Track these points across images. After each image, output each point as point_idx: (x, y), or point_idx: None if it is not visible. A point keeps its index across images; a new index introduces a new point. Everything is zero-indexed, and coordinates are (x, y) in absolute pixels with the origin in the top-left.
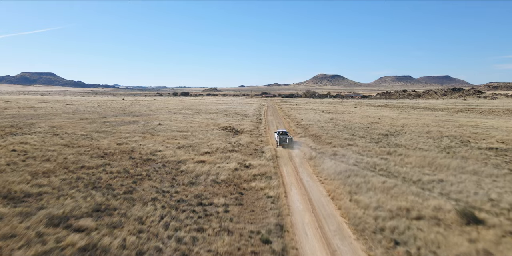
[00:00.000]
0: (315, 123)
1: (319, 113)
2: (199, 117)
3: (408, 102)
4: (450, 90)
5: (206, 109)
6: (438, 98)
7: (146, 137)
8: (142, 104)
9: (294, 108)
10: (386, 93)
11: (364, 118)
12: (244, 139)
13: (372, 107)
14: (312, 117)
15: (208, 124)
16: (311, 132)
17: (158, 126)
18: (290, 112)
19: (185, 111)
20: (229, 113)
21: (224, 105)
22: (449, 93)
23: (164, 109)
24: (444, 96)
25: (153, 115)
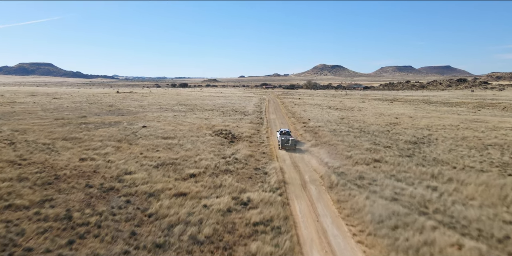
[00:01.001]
0: (325, 125)
1: (326, 110)
2: (192, 116)
3: (416, 95)
4: (455, 81)
5: (201, 105)
6: (443, 89)
7: (121, 148)
8: (135, 98)
9: (298, 103)
10: (389, 84)
11: (379, 117)
12: (242, 151)
13: (381, 102)
14: (320, 116)
15: (200, 126)
16: (323, 138)
17: (141, 130)
18: (294, 109)
19: (178, 107)
20: (227, 110)
21: (222, 99)
22: (454, 84)
23: (156, 104)
24: (449, 87)
25: (141, 113)
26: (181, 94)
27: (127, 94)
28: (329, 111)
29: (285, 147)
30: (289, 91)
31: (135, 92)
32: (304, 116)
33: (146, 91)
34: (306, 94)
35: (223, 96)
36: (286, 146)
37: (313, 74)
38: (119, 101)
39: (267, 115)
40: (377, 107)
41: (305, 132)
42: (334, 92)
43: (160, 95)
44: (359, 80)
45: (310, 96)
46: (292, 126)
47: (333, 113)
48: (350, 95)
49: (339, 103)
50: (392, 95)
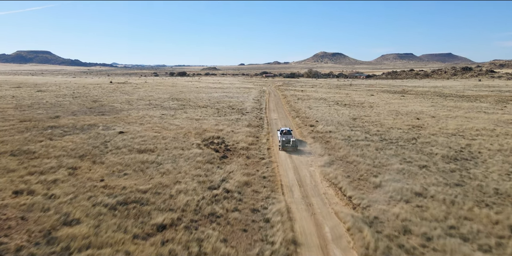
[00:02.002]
0: (336, 129)
1: (334, 107)
2: (182, 115)
3: (425, 85)
4: (460, 70)
5: (195, 100)
6: (448, 78)
7: (78, 170)
8: (126, 91)
9: (301, 96)
10: (392, 72)
11: (396, 116)
12: (236, 175)
13: (391, 95)
14: (329, 116)
15: (189, 131)
16: (337, 151)
17: (116, 138)
18: (297, 105)
19: (169, 103)
20: (222, 107)
21: (219, 91)
22: (459, 73)
23: (146, 99)
24: (455, 76)
25: (125, 112)
26: (176, 85)
27: (120, 85)
28: (338, 108)
29: (286, 149)
30: (290, 81)
31: (129, 82)
32: (310, 116)
33: (141, 81)
34: (308, 84)
35: (220, 88)
36: (287, 147)
37: (313, 62)
38: (107, 94)
39: (268, 114)
40: (389, 102)
41: (314, 141)
42: (337, 81)
43: (154, 87)
44: (360, 68)
45: (313, 87)
46: (297, 131)
47: (343, 111)
48: (355, 86)
49: (346, 97)
50: (399, 86)
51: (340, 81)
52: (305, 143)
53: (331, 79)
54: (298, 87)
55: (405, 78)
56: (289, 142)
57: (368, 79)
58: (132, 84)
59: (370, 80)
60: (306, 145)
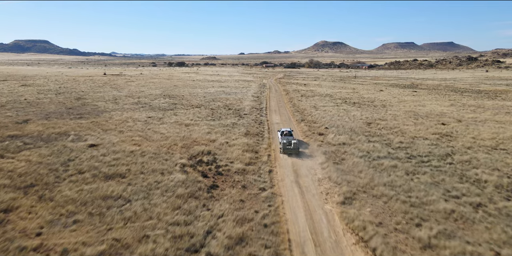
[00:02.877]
0: (350, 139)
1: (342, 107)
2: (171, 119)
3: (433, 77)
4: (465, 60)
5: (190, 96)
6: (454, 68)
7: (12, 214)
8: (116, 85)
9: (304, 92)
10: (395, 62)
11: (416, 120)
12: (226, 225)
13: (401, 90)
14: (338, 119)
15: (175, 143)
16: (357, 177)
17: (84, 154)
18: (301, 104)
19: (160, 101)
20: (218, 107)
21: (216, 85)
22: (464, 63)
23: (136, 96)
24: (460, 66)
25: (106, 114)
26: (172, 77)
27: (112, 78)
28: (347, 108)
29: (287, 152)
30: (291, 72)
31: (123, 74)
32: (317, 120)
33: (137, 72)
34: (310, 76)
35: (218, 81)
36: (288, 150)
37: (314, 51)
38: (95, 89)
39: (269, 116)
40: (402, 100)
41: (326, 159)
42: (340, 72)
43: (148, 80)
44: (361, 57)
45: (315, 80)
46: (304, 140)
47: (354, 113)
48: (360, 78)
49: (353, 93)
50: (406, 78)
51: (342, 71)
52: (307, 145)
53: (333, 69)
54: (300, 80)
55: (409, 69)
56: (290, 144)
57: (371, 70)
58: (126, 76)
59: (373, 71)
60: (308, 147)
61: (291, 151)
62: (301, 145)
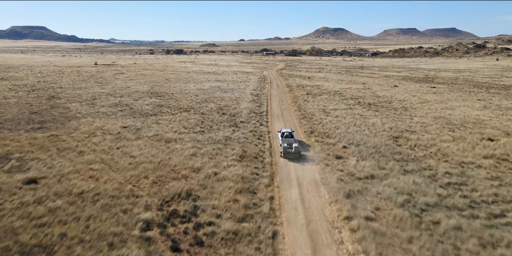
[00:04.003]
0: (378, 168)
1: (357, 111)
2: (151, 131)
3: (448, 68)
4: (473, 47)
5: (180, 94)
6: (461, 56)
7: None
8: (103, 78)
9: (309, 89)
10: (399, 50)
11: (452, 132)
12: None
13: (417, 85)
14: (356, 130)
15: (145, 173)
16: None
17: (12, 199)
18: (308, 107)
19: (144, 102)
20: (210, 111)
21: (212, 79)
22: (472, 51)
23: (120, 93)
24: (467, 54)
25: (74, 122)
26: (166, 68)
27: (102, 69)
28: (363, 113)
29: (288, 156)
30: (292, 60)
31: (116, 64)
32: (331, 132)
33: (131, 62)
34: (313, 66)
35: (214, 73)
36: (290, 154)
37: (314, 38)
38: (77, 84)
39: (271, 125)
40: (424, 100)
41: (353, 208)
42: (343, 61)
43: (140, 71)
44: (363, 44)
45: (320, 71)
46: (320, 166)
47: (373, 121)
48: (368, 69)
49: (365, 90)
50: (417, 69)
51: (346, 60)
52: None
53: (335, 57)
54: (303, 72)
55: (414, 57)
56: (291, 148)
57: (374, 58)
58: (117, 67)
59: (377, 59)
60: (327, 182)
61: (292, 155)
62: (321, 177)
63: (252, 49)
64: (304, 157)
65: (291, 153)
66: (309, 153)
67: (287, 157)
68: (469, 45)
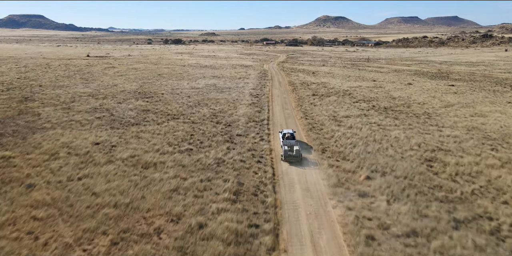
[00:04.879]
0: (420, 217)
1: (373, 118)
2: (127, 149)
3: (459, 61)
4: (480, 37)
5: (171, 95)
6: (467, 46)
7: None
8: (90, 74)
9: (315, 87)
10: (403, 39)
11: (495, 152)
12: None
13: (433, 82)
14: (378, 150)
15: (103, 229)
16: None
17: None
18: (315, 112)
19: (128, 106)
20: (202, 120)
21: (208, 74)
22: (479, 41)
23: (104, 93)
24: (474, 44)
25: (37, 136)
26: (161, 61)
27: (93, 62)
28: (381, 122)
29: (289, 159)
30: (294, 51)
31: (109, 56)
32: (346, 151)
33: (125, 53)
34: (316, 58)
35: (211, 67)
36: (291, 157)
37: (315, 26)
38: (60, 81)
39: (273, 136)
40: (447, 102)
41: None
42: (347, 52)
43: (133, 65)
44: (364, 33)
45: (324, 65)
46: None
47: (395, 134)
48: (374, 62)
49: (376, 88)
50: (427, 62)
51: (350, 51)
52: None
53: (337, 47)
54: (306, 66)
55: (419, 47)
56: (292, 151)
57: (378, 48)
58: (109, 59)
59: (382, 49)
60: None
61: (293, 159)
62: (344, 233)
63: (252, 38)
64: (318, 186)
65: (292, 156)
66: (322, 177)
67: (288, 160)
68: (474, 34)
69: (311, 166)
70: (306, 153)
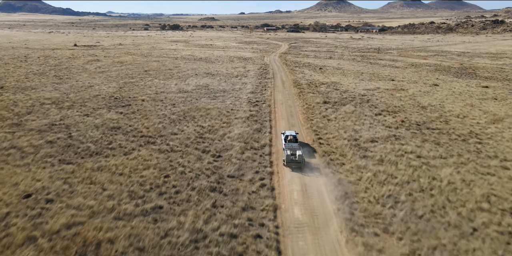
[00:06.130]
0: None
1: (410, 147)
2: (71, 208)
3: (477, 51)
4: (490, 23)
5: (153, 101)
6: (477, 33)
7: None
8: (68, 69)
9: (325, 90)
10: (409, 25)
11: None
12: None
13: (463, 83)
14: (429, 212)
15: None
16: None
17: None
18: (333, 134)
19: (94, 122)
20: (184, 143)
21: (202, 69)
22: (489, 27)
23: (72, 99)
24: (484, 30)
25: None
26: (153, 51)
27: (77, 54)
28: (421, 152)
29: (291, 165)
30: (296, 39)
31: (98, 45)
32: (383, 212)
33: (116, 42)
34: (321, 48)
35: (206, 60)
36: (293, 163)
37: (316, 11)
38: (28, 81)
39: (280, 180)
40: (491, 114)
41: None
42: (352, 39)
43: (120, 57)
44: (366, 17)
45: (331, 57)
46: None
47: (447, 176)
48: (386, 53)
49: (397, 91)
50: (443, 52)
51: (354, 38)
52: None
53: (341, 33)
54: (311, 58)
55: (426, 33)
56: (295, 156)
57: (383, 34)
58: (97, 49)
59: (387, 36)
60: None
61: (296, 164)
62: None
63: (253, 23)
64: None
65: (294, 162)
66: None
67: (290, 166)
68: (480, 19)
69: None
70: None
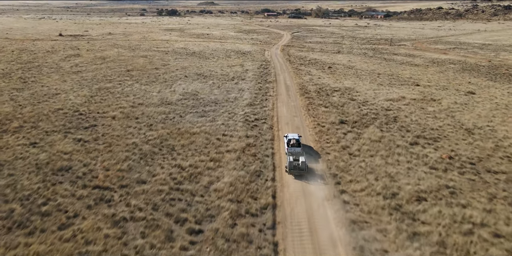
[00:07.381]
0: None
1: (473, 206)
2: None
3: (499, 44)
4: (502, 9)
5: (127, 116)
6: (489, 19)
7: None
8: (39, 68)
9: (338, 101)
10: (416, 11)
11: None
12: None
13: (500, 86)
14: None
15: None
16: None
17: None
18: (359, 183)
19: (37, 160)
20: (155, 202)
21: (193, 69)
22: (501, 13)
23: (26, 113)
24: (495, 16)
25: None
26: (142, 44)
27: (58, 47)
28: (497, 226)
29: (294, 172)
30: (299, 27)
31: (85, 35)
32: None
33: (105, 31)
34: (327, 39)
35: (200, 56)
36: (295, 170)
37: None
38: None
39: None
40: None
41: None
42: (358, 27)
43: (105, 51)
44: (369, 2)
45: (339, 51)
46: None
47: None
48: (399, 46)
49: (426, 102)
50: (460, 44)
51: (360, 26)
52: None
53: (345, 19)
54: (317, 53)
55: (434, 19)
56: (298, 161)
57: (389, 21)
58: (82, 41)
59: (394, 23)
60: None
61: (298, 172)
62: None
63: (253, 8)
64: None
65: (297, 169)
66: None
67: (293, 173)
68: (485, 2)
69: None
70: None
